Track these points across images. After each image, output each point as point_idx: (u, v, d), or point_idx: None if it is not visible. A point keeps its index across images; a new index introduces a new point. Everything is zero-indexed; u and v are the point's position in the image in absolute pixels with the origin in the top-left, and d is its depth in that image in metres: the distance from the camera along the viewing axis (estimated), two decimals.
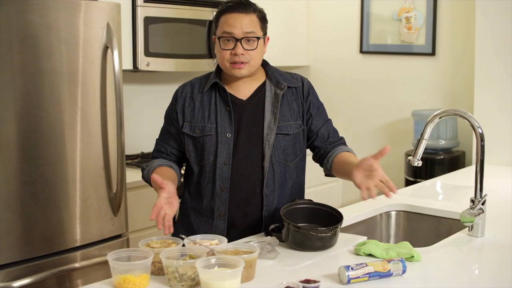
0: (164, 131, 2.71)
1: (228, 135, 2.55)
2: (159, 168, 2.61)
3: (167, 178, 2.49)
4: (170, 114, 2.67)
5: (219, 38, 2.52)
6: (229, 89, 2.60)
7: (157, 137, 2.74)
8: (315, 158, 2.74)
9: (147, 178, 2.64)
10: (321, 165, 2.72)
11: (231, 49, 2.50)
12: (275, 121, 2.56)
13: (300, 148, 2.65)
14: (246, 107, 2.59)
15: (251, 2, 2.55)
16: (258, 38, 2.51)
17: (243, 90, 2.61)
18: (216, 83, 2.60)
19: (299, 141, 2.64)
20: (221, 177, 2.55)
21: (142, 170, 2.69)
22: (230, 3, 2.52)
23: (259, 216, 2.59)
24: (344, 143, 2.73)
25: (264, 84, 2.63)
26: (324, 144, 2.68)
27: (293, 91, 2.64)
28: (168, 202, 2.32)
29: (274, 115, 2.57)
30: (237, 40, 2.48)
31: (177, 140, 2.66)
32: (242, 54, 2.49)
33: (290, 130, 2.59)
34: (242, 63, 2.51)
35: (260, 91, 2.62)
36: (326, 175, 2.73)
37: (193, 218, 2.64)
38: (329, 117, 2.75)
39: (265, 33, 2.57)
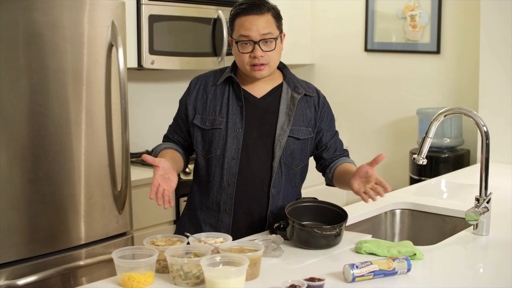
0: (174, 119, 2.74)
1: (238, 130, 2.55)
2: (165, 151, 2.63)
3: (170, 158, 2.53)
4: (183, 104, 2.68)
5: (236, 42, 2.51)
6: (244, 86, 2.60)
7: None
8: (319, 168, 2.79)
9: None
10: (323, 175, 2.78)
11: (250, 52, 2.49)
12: (289, 123, 2.57)
13: (306, 155, 2.67)
14: (259, 105, 2.59)
15: (263, 1, 2.53)
16: (276, 38, 2.50)
17: (259, 88, 2.61)
18: (230, 77, 2.60)
19: (307, 148, 2.65)
20: (229, 171, 2.55)
21: (149, 154, 2.68)
22: (243, 5, 2.50)
23: (264, 215, 2.59)
24: (347, 156, 2.78)
25: (280, 85, 2.64)
26: (330, 156, 2.72)
27: (307, 99, 2.65)
28: (164, 179, 2.34)
29: (288, 117, 2.58)
30: (255, 42, 2.47)
31: (183, 130, 2.68)
32: (261, 56, 2.49)
33: (301, 135, 2.60)
34: (262, 64, 2.50)
35: (275, 92, 2.62)
36: (327, 184, 2.78)
37: (199, 211, 2.65)
38: (334, 115, 2.76)
39: (281, 31, 2.56)
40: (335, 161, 2.71)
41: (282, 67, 2.67)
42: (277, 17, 2.54)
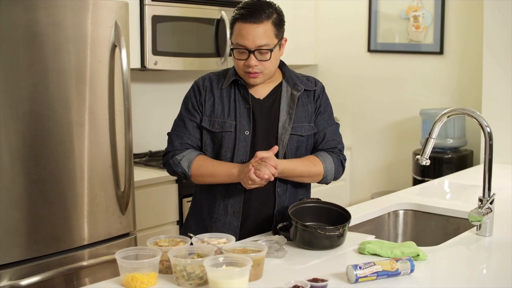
0: (187, 124, 2.60)
1: (246, 132, 2.54)
2: (201, 156, 2.56)
3: (216, 161, 2.55)
4: (196, 107, 2.60)
5: (232, 48, 2.50)
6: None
7: (173, 130, 2.63)
8: None
9: (188, 169, 2.54)
10: None
11: (245, 60, 2.47)
12: (290, 122, 2.56)
13: (310, 150, 2.65)
14: (262, 106, 2.58)
15: (266, 6, 2.47)
16: (271, 50, 2.47)
17: (260, 90, 2.60)
18: (236, 80, 2.58)
19: (311, 144, 2.64)
20: None
21: (174, 162, 2.56)
22: (243, 9, 2.46)
23: (271, 215, 2.59)
24: (332, 152, 2.65)
25: (280, 84, 2.62)
26: (318, 146, 2.65)
27: (308, 94, 2.64)
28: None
29: (289, 116, 2.57)
30: (250, 51, 2.45)
31: (202, 133, 2.61)
32: (255, 65, 2.46)
33: (304, 131, 2.59)
34: (256, 73, 2.49)
35: (276, 92, 2.61)
36: None
37: (205, 215, 2.64)
38: (337, 115, 2.73)
39: (281, 38, 2.52)
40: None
41: (281, 66, 2.65)
42: (278, 23, 2.49)
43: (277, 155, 2.53)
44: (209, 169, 2.53)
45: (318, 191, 3.22)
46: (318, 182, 2.64)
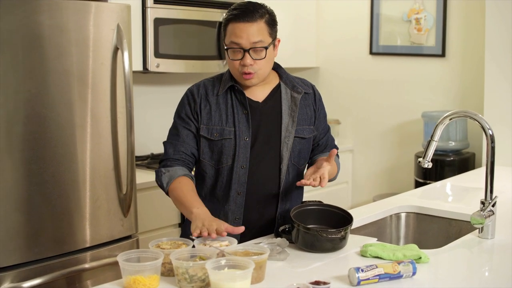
0: (181, 132, 2.56)
1: (246, 138, 2.51)
2: (183, 178, 2.49)
3: (191, 191, 2.45)
4: (190, 115, 2.56)
5: (227, 49, 2.48)
6: (243, 91, 2.56)
7: (168, 139, 2.61)
8: None
9: (166, 185, 2.50)
10: None
11: (240, 59, 2.46)
12: (293, 124, 2.55)
13: (309, 153, 2.67)
14: (262, 110, 2.56)
15: (258, 6, 2.47)
16: (266, 47, 2.45)
17: (258, 93, 2.57)
18: (233, 85, 2.55)
19: (310, 146, 2.65)
20: (237, 181, 2.51)
21: (158, 173, 2.54)
22: (236, 10, 2.45)
23: (273, 218, 2.59)
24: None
25: (278, 86, 2.61)
26: (319, 153, 2.70)
27: (306, 97, 2.63)
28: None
29: (292, 118, 2.56)
30: (245, 50, 2.43)
31: (197, 141, 2.57)
32: (250, 64, 2.45)
33: (306, 134, 2.59)
34: (251, 73, 2.47)
35: (275, 94, 2.59)
36: None
37: None
38: (339, 118, 2.74)
39: (274, 38, 2.51)
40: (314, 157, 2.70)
41: (276, 67, 2.63)
42: (271, 23, 2.48)
43: (281, 160, 2.54)
44: (178, 197, 2.45)
45: (319, 194, 3.22)
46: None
